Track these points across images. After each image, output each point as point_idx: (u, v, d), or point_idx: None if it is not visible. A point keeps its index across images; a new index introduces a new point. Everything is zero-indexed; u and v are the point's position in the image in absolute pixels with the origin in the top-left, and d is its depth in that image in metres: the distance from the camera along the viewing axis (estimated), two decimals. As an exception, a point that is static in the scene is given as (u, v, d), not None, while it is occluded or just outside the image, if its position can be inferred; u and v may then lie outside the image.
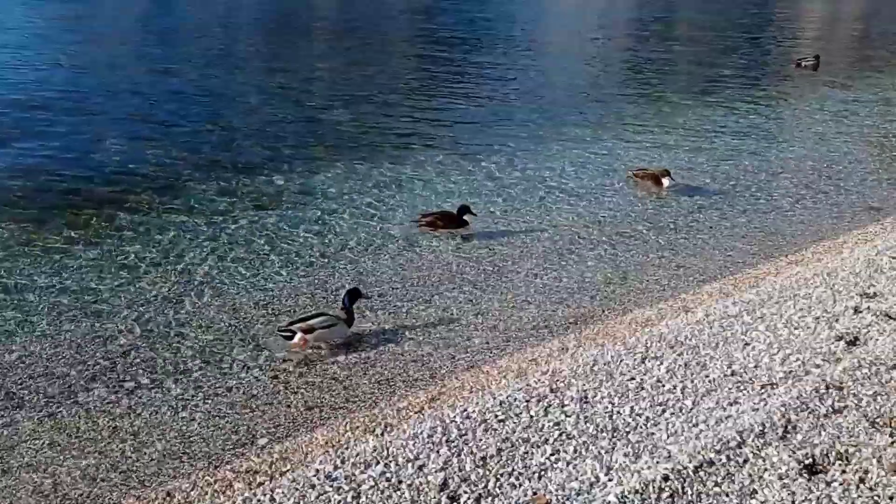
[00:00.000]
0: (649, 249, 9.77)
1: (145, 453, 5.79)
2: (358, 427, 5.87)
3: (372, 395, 6.52)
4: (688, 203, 11.28)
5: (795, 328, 6.87)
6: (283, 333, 7.20)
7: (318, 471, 5.02)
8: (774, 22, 33.71)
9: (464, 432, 5.34)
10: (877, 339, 6.45)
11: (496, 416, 5.55)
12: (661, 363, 6.32)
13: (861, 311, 7.10)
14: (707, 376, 6.03)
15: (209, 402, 6.41)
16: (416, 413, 5.88)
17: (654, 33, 28.27)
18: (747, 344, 6.59)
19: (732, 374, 6.06)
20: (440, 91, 18.09)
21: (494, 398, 5.84)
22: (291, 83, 18.52)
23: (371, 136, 14.19)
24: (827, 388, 5.56)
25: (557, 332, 7.68)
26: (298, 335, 7.11)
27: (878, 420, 5.12)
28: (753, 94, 18.89)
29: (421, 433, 5.36)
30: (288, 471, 5.25)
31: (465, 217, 9.89)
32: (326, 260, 9.10)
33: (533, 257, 9.41)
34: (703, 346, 6.60)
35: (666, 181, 11.36)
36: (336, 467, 5.04)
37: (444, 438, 5.27)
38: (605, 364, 6.37)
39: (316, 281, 8.61)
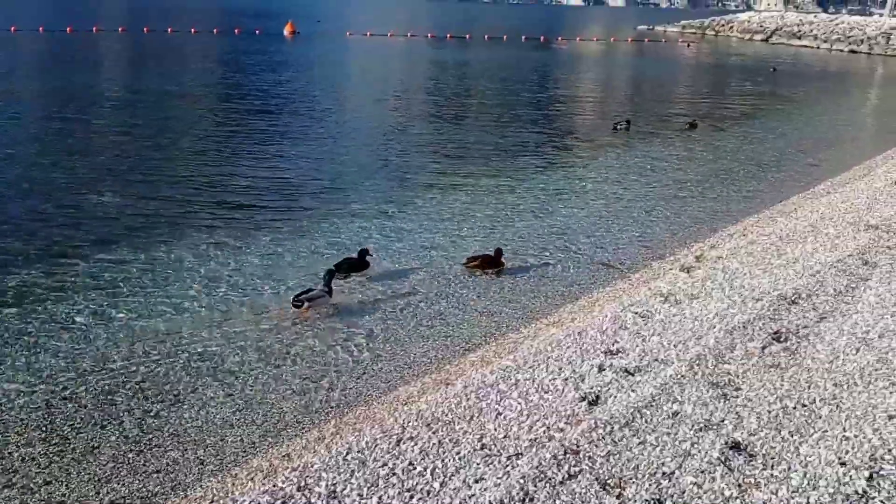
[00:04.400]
0: (420, 321, 9.78)
1: None
2: (75, 563, 5.15)
3: (99, 519, 5.80)
4: (456, 269, 11.50)
5: (546, 392, 7.04)
6: (295, 303, 9.40)
7: None
8: (565, 90, 36.46)
9: (194, 554, 4.84)
10: (615, 396, 6.76)
11: (234, 528, 5.11)
12: (416, 444, 6.19)
13: (604, 369, 7.44)
14: (458, 453, 5.97)
15: None
16: (144, 536, 5.27)
17: (459, 113, 29.05)
18: (500, 413, 6.65)
19: (482, 447, 6.05)
20: (227, 169, 17.48)
21: (235, 507, 5.39)
22: (60, 164, 17.03)
23: (137, 218, 13.30)
24: (565, 453, 5.69)
25: (319, 420, 7.36)
26: (306, 304, 9.34)
27: (608, 482, 5.29)
28: (558, 161, 20.06)
29: (143, 562, 4.79)
30: None
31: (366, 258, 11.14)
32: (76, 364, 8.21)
33: (295, 340, 9.07)
34: (458, 421, 6.57)
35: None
36: None
37: (169, 565, 4.74)
38: (359, 452, 6.14)
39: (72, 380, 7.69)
